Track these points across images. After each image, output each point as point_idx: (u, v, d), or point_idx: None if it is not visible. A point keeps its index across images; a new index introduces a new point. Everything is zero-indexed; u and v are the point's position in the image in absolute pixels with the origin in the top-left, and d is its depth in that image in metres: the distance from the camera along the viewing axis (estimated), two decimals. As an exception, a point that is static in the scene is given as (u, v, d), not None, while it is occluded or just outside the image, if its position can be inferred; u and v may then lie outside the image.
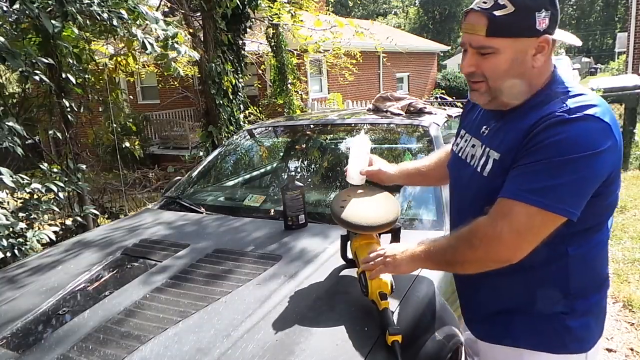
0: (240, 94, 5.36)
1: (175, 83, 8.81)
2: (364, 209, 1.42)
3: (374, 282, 1.23)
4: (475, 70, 1.07)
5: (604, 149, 0.95)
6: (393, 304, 1.28)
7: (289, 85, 8.01)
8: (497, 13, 0.99)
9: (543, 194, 0.96)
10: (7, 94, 3.99)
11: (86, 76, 3.89)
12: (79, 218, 3.60)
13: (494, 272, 1.06)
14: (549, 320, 1.11)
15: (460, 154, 1.26)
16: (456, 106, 6.89)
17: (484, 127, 1.18)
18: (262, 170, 2.91)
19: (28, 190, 2.79)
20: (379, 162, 1.60)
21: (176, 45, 3.09)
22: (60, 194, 3.02)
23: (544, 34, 1.01)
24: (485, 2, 1.01)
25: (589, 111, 0.96)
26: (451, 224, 1.36)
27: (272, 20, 6.55)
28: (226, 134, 5.07)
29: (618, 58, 27.96)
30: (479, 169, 1.14)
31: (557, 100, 1.01)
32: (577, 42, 1.13)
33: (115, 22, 2.87)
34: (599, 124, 0.95)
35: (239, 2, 4.87)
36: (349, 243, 1.48)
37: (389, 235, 1.46)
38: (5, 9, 2.65)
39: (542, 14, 0.99)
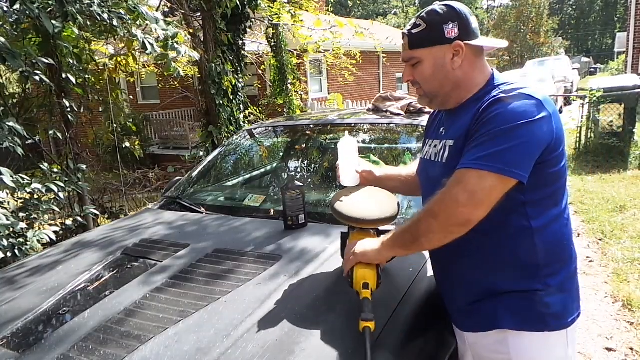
0: (240, 94, 5.37)
1: (175, 83, 8.81)
2: (362, 204, 1.43)
3: (359, 273, 1.24)
4: (412, 79, 1.31)
5: (539, 118, 1.11)
6: (394, 302, 1.29)
7: (289, 85, 8.02)
8: (414, 31, 1.26)
9: (490, 159, 1.09)
10: (7, 94, 3.99)
11: (86, 76, 3.90)
12: (79, 218, 3.61)
13: (466, 255, 1.18)
14: (526, 299, 1.19)
15: (426, 157, 1.41)
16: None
17: (442, 128, 1.35)
18: (262, 170, 2.91)
19: (28, 190, 2.80)
20: (365, 163, 1.64)
21: (176, 46, 3.09)
22: (61, 194, 3.02)
23: (456, 40, 1.21)
24: (409, 26, 1.28)
25: (522, 91, 1.15)
26: None
27: (272, 20, 6.56)
28: (226, 134, 5.08)
29: (617, 58, 27.93)
30: (439, 160, 1.30)
31: (495, 90, 1.20)
32: (502, 44, 1.35)
33: (115, 23, 2.88)
34: (532, 99, 1.13)
35: (239, 2, 4.87)
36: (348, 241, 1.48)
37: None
38: (5, 9, 2.66)
39: (449, 25, 1.22)
